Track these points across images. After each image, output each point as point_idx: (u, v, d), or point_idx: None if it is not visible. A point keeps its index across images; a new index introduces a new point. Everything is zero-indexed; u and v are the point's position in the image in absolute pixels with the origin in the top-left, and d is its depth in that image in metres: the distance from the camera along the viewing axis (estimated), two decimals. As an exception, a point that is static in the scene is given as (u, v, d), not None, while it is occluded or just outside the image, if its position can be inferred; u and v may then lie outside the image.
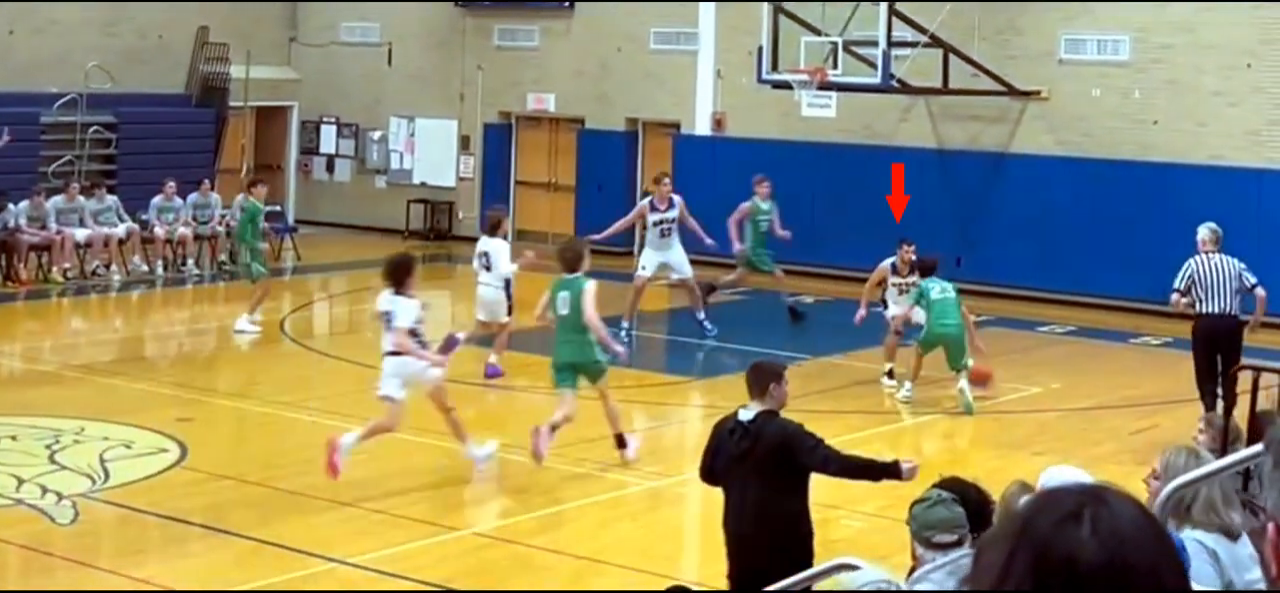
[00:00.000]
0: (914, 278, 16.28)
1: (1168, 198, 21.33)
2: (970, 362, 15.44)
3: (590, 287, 12.74)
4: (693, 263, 19.29)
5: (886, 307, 16.78)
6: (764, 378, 8.32)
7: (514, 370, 16.46)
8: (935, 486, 6.35)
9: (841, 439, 14.78)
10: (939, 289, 15.54)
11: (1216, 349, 13.93)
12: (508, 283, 16.31)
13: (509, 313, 16.30)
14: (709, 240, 18.94)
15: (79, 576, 10.35)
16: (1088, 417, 15.57)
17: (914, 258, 16.50)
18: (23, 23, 25.48)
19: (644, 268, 18.95)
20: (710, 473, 8.51)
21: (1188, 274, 14.07)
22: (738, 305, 22.19)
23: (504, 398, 16.01)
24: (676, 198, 19.17)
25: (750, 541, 8.05)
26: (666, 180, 19.51)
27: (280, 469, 12.85)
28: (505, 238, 16.69)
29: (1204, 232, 14.31)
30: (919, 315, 15.69)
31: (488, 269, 16.19)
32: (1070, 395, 16.44)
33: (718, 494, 12.45)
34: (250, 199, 19.60)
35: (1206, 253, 14.14)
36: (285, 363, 17.85)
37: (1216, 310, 13.90)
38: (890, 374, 16.31)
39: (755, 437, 8.14)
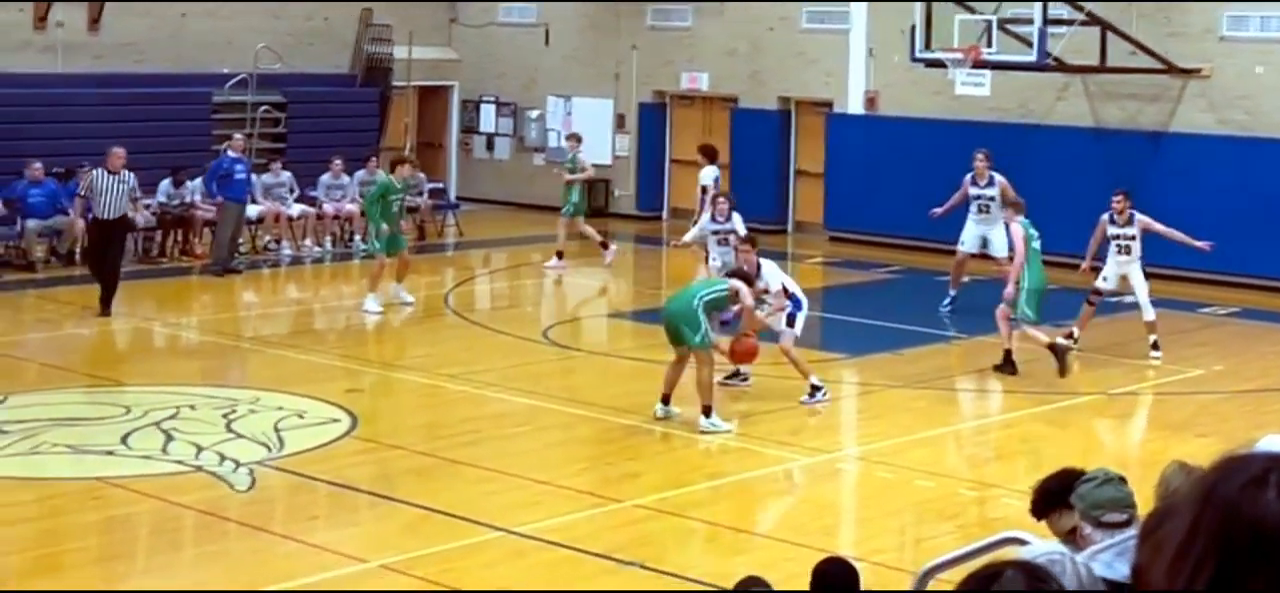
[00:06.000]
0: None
1: (1333, 177, 20.71)
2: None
3: None
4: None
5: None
6: None
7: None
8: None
9: (1002, 418, 14.70)
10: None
11: None
12: None
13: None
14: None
15: (253, 540, 10.62)
16: (1252, 399, 15.23)
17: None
18: (195, 6, 26.09)
19: (963, 243, 19.12)
20: None
21: None
22: (888, 285, 22.06)
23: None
24: (997, 176, 19.08)
25: None
26: (981, 157, 19.31)
27: (446, 440, 13.04)
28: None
29: None
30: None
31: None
32: (1233, 378, 16.08)
33: (872, 471, 12.45)
34: (381, 174, 20.29)
35: None
36: (449, 336, 18.08)
37: None
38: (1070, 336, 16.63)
39: None
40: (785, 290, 14.37)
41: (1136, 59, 21.72)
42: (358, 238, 23.93)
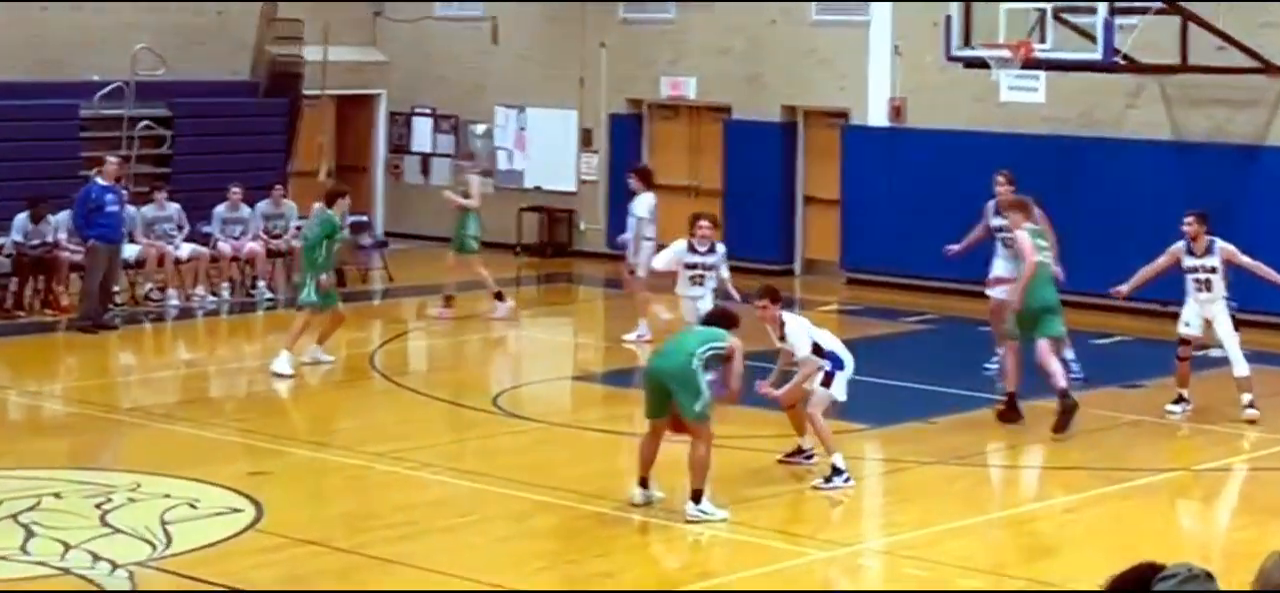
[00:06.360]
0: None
1: None
2: None
3: None
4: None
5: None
6: None
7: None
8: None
9: (1062, 500, 14.78)
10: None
11: None
12: None
13: None
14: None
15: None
16: (1368, 474, 15.35)
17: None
18: (57, 1, 26.10)
19: (990, 288, 19.27)
20: None
21: None
22: (919, 337, 22.17)
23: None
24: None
25: None
26: (1002, 180, 19.42)
27: (374, 534, 13.06)
28: None
29: None
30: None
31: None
32: (1345, 448, 16.21)
33: (900, 566, 12.48)
34: (311, 203, 20.44)
35: None
36: (377, 404, 18.13)
37: None
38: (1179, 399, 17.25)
39: None
40: (819, 348, 14.37)
41: (1225, 56, 21.92)
42: (261, 283, 23.96)
